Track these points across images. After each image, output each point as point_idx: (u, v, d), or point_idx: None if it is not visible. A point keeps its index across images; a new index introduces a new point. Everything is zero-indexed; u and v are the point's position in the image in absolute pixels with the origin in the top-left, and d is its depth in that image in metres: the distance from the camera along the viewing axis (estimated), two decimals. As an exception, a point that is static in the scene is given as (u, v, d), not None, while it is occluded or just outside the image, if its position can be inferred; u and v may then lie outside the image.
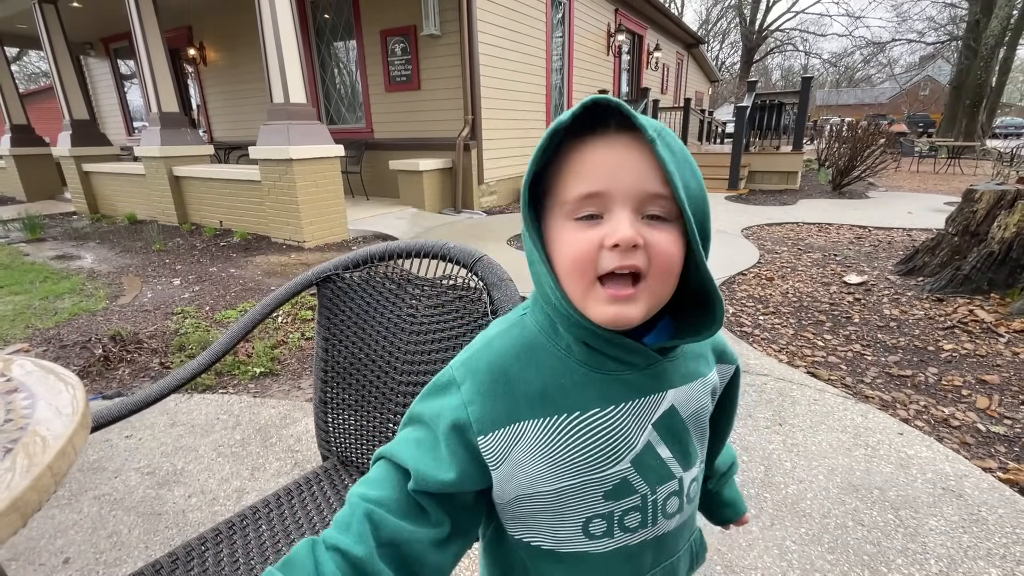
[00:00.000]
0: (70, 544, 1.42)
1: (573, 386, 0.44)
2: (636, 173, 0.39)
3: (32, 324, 3.10)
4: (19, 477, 0.51)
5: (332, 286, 1.06)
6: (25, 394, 0.67)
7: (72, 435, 0.58)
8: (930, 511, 1.45)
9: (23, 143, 8.59)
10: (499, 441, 0.43)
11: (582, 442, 0.44)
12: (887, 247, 4.53)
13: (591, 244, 0.40)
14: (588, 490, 0.45)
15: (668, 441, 0.47)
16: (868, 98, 43.66)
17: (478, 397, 0.44)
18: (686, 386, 0.48)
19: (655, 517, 0.48)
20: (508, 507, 0.48)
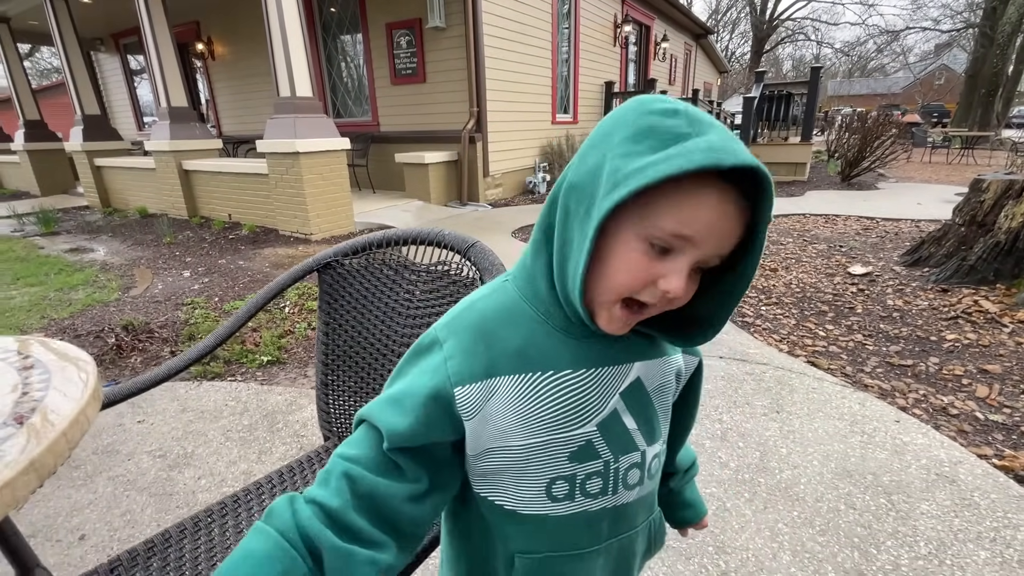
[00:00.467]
0: (86, 522, 1.48)
1: (549, 347, 0.47)
2: (726, 237, 0.40)
3: (47, 314, 3.18)
4: (36, 442, 0.55)
5: (332, 272, 1.10)
6: (41, 370, 0.71)
7: (84, 406, 0.62)
8: (922, 496, 1.47)
9: (36, 138, 8.72)
10: (475, 393, 0.46)
11: (553, 400, 0.47)
12: (894, 238, 4.50)
13: (648, 277, 0.41)
14: (554, 449, 0.48)
15: (634, 412, 0.50)
16: (881, 88, 42.93)
17: (459, 353, 0.46)
18: (652, 361, 0.51)
19: (616, 485, 0.51)
20: (476, 461, 0.49)
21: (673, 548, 1.32)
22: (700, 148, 0.37)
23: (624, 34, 9.86)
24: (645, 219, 0.40)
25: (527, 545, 0.52)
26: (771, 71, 46.04)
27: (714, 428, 1.82)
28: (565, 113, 8.67)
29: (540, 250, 0.47)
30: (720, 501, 1.48)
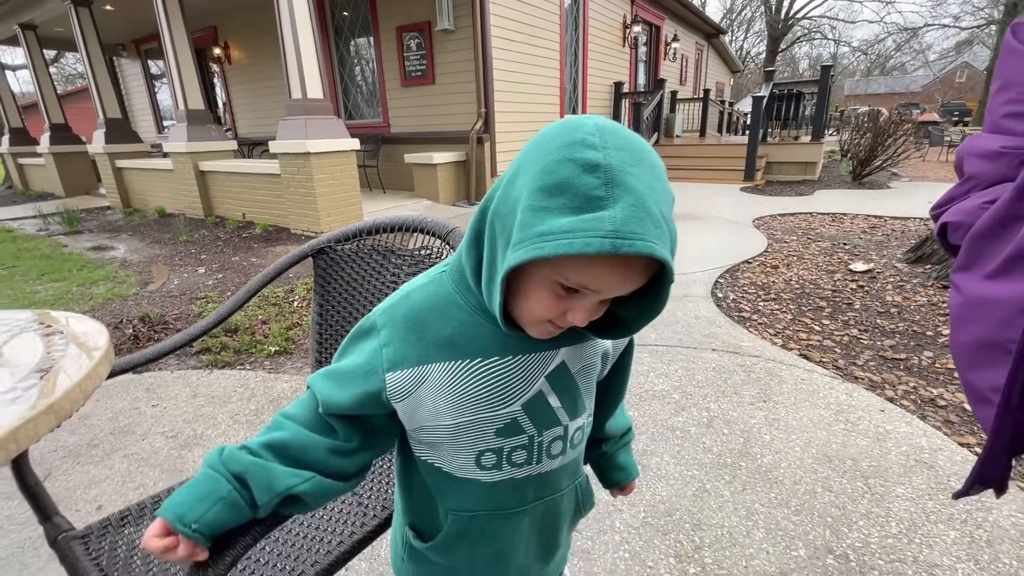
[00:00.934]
0: (102, 494, 1.59)
1: (478, 337, 0.51)
2: (628, 287, 0.43)
3: (70, 307, 3.33)
4: (56, 389, 0.63)
5: (326, 257, 1.18)
6: (61, 336, 0.80)
7: (97, 364, 0.71)
8: (899, 480, 1.51)
9: (61, 141, 9.02)
10: (406, 378, 0.51)
11: (481, 384, 0.52)
12: (900, 236, 4.48)
13: (558, 311, 0.45)
14: (482, 426, 0.53)
15: (558, 392, 0.55)
16: (900, 86, 42.16)
17: (394, 341, 0.51)
18: (576, 346, 0.55)
19: (539, 456, 0.56)
20: (414, 433, 0.56)
21: (651, 525, 1.38)
22: (604, 230, 0.37)
23: (633, 35, 9.89)
24: (556, 269, 0.42)
25: (460, 504, 0.58)
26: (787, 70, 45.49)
27: (700, 416, 1.87)
28: (573, 114, 8.70)
29: (471, 251, 0.49)
30: (700, 483, 1.53)
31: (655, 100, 9.16)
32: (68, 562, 0.81)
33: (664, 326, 2.67)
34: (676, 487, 1.52)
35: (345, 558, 0.83)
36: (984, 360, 0.47)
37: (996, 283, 0.46)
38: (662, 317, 2.78)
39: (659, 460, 1.64)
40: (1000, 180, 0.51)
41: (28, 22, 8.22)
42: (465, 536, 0.59)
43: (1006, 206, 0.46)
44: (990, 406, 0.47)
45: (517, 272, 0.44)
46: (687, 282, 3.36)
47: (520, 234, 0.40)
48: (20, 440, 0.56)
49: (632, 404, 1.96)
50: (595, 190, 0.38)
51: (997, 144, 0.51)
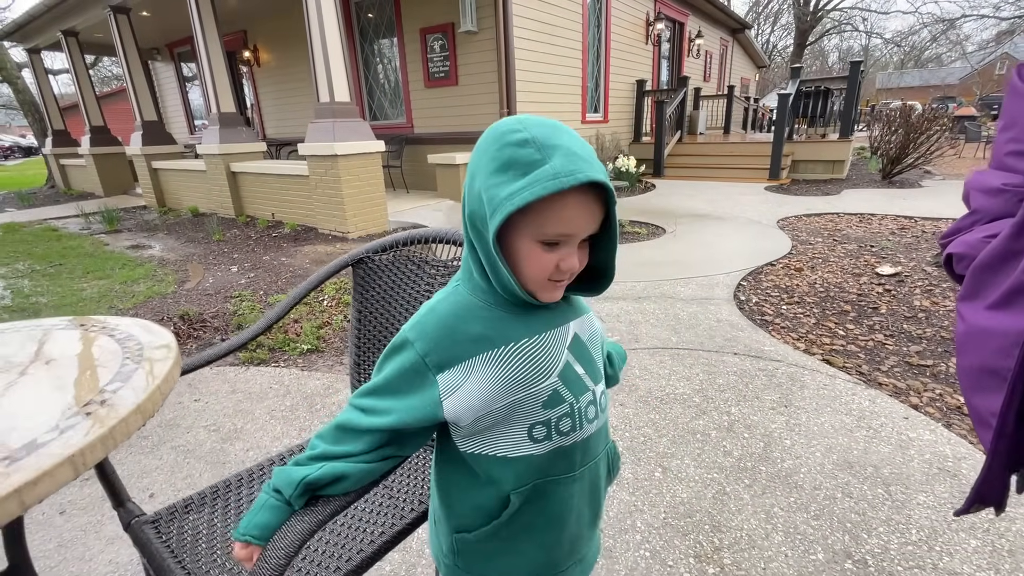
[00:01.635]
0: (154, 483, 1.71)
1: (503, 326, 0.61)
2: (590, 223, 0.56)
3: (114, 304, 3.52)
4: (139, 393, 0.72)
5: (364, 267, 1.26)
6: (135, 342, 0.89)
7: (172, 367, 0.80)
8: (921, 488, 1.52)
9: (100, 143, 9.40)
10: (454, 375, 0.59)
11: (520, 363, 0.60)
12: (931, 238, 4.38)
13: (552, 264, 0.56)
14: (529, 402, 0.61)
15: (580, 360, 0.64)
16: (935, 79, 40.64)
17: (432, 348, 0.59)
18: (580, 318, 0.67)
19: (581, 422, 0.64)
20: (469, 427, 0.62)
21: (672, 525, 1.43)
22: (548, 176, 0.50)
23: (656, 32, 9.80)
24: (535, 228, 0.54)
25: (518, 481, 0.64)
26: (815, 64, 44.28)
27: (721, 419, 1.90)
28: (595, 112, 8.71)
29: (472, 257, 0.60)
30: (720, 486, 1.57)
31: (678, 98, 9.08)
32: (141, 544, 0.90)
33: (686, 329, 2.69)
34: (696, 489, 1.56)
35: (387, 547, 0.91)
36: (984, 385, 0.51)
37: (996, 314, 0.50)
38: (684, 320, 2.81)
39: (679, 463, 1.68)
40: (1002, 215, 0.54)
41: (70, 28, 8.58)
42: (525, 509, 0.64)
43: (1006, 242, 0.50)
44: (988, 429, 0.51)
45: (509, 247, 0.56)
46: (709, 284, 3.36)
47: (491, 207, 0.53)
48: (116, 437, 0.64)
49: (653, 407, 2.00)
50: (532, 155, 0.51)
51: (999, 181, 0.55)
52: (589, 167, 0.51)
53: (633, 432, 1.85)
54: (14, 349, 0.88)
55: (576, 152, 0.52)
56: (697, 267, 3.73)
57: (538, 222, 0.53)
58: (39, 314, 3.38)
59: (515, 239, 0.56)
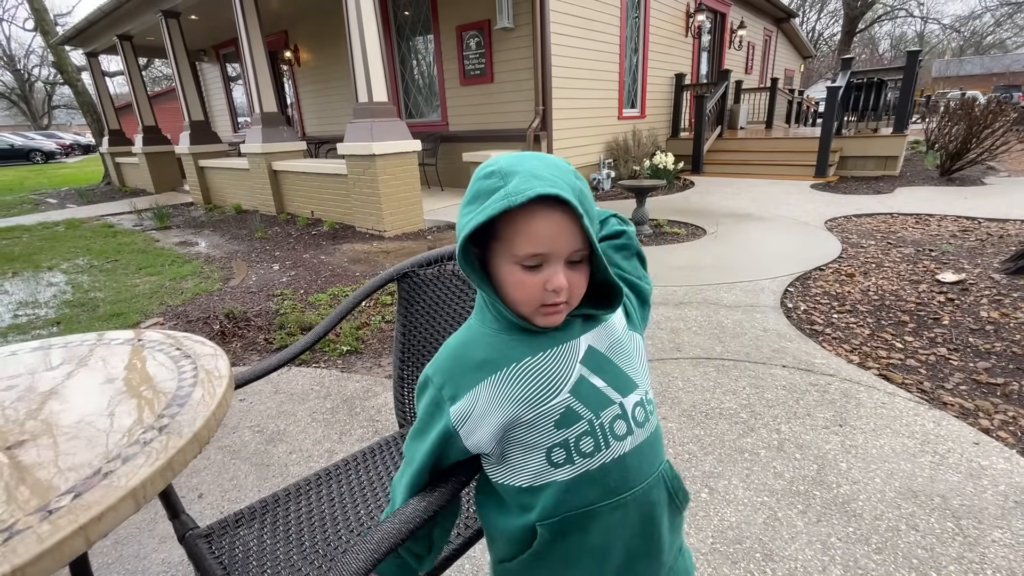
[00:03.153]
0: (202, 483, 1.76)
1: (506, 349, 0.60)
2: (569, 239, 0.55)
3: (165, 301, 3.66)
4: (196, 419, 0.72)
5: (409, 281, 1.24)
6: (191, 361, 0.90)
7: (225, 392, 0.80)
8: (996, 523, 1.41)
9: (152, 142, 9.84)
10: (465, 404, 0.60)
11: (523, 382, 0.59)
12: (997, 242, 4.09)
13: (537, 286, 0.56)
14: (541, 421, 0.59)
15: (598, 372, 0.61)
16: (998, 67, 37.97)
17: (447, 380, 0.62)
18: (594, 330, 0.63)
19: (606, 440, 0.60)
20: (491, 453, 0.63)
21: (720, 552, 1.37)
22: (500, 197, 0.52)
23: (697, 23, 9.51)
24: (508, 251, 0.55)
25: (543, 513, 0.61)
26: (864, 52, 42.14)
27: (771, 438, 1.82)
28: (632, 108, 8.53)
29: None
30: (771, 510, 1.50)
31: (719, 92, 8.79)
32: (195, 558, 0.92)
33: (730, 338, 2.60)
34: (745, 513, 1.49)
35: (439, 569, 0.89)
36: None
37: None
38: (728, 329, 2.70)
39: (727, 483, 1.61)
40: None
41: (125, 33, 8.98)
42: (559, 542, 0.61)
43: None
44: None
45: (496, 275, 0.58)
46: (754, 290, 3.24)
47: (458, 234, 0.56)
48: (175, 467, 0.64)
49: (698, 422, 1.93)
50: (495, 183, 0.53)
51: None
52: (544, 184, 0.51)
53: (677, 448, 1.79)
54: (72, 367, 0.90)
55: (536, 173, 0.52)
56: (741, 271, 3.60)
57: (509, 244, 0.55)
58: (96, 310, 3.55)
59: (498, 266, 0.57)
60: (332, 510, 1.03)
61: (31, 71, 33.01)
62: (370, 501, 1.05)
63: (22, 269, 4.77)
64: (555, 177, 0.53)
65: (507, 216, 0.53)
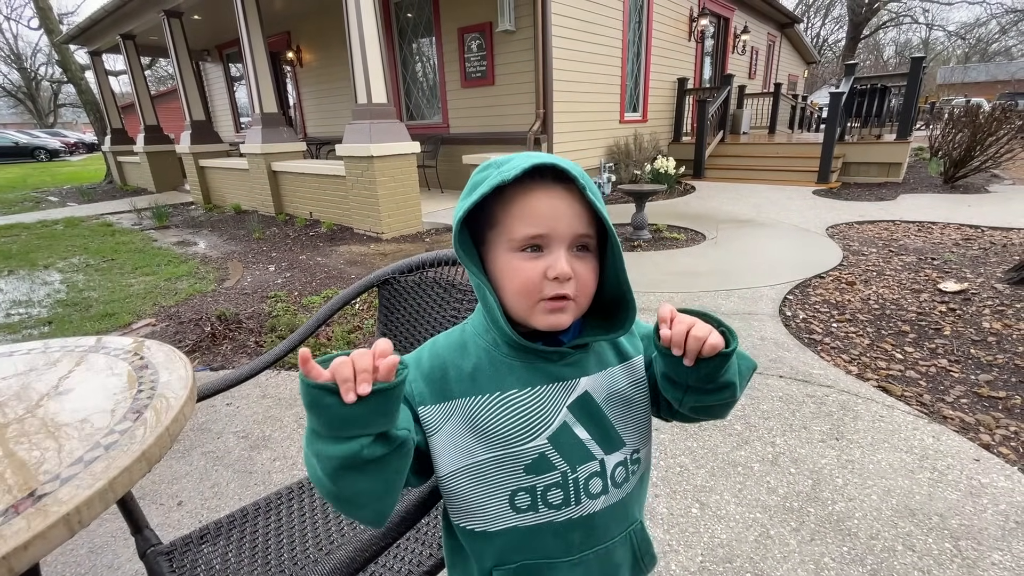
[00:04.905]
0: (183, 490, 1.72)
1: (495, 371, 0.54)
2: (571, 218, 0.49)
3: (158, 302, 3.64)
4: (147, 434, 0.68)
5: (390, 288, 1.21)
6: (152, 371, 0.87)
7: (183, 406, 0.76)
8: (996, 544, 1.36)
9: (153, 141, 9.85)
10: (436, 413, 0.55)
11: (502, 417, 0.53)
12: (1001, 251, 4.04)
13: (536, 273, 0.49)
14: (510, 462, 0.53)
15: (585, 423, 0.55)
16: (1004, 74, 37.83)
17: (420, 379, 0.56)
18: (599, 373, 0.56)
19: (577, 496, 0.54)
20: (448, 485, 0.56)
21: (709, 571, 1.33)
22: (492, 177, 0.48)
23: (700, 28, 9.48)
24: (505, 236, 0.50)
25: (500, 558, 0.57)
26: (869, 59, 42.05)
27: (765, 451, 1.77)
28: (634, 112, 8.49)
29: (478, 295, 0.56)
30: (763, 527, 1.45)
31: (721, 96, 8.75)
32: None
33: (726, 347, 2.55)
34: (737, 530, 1.45)
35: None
36: None
37: None
38: (724, 337, 2.65)
39: (719, 498, 1.57)
40: None
41: (128, 32, 8.99)
42: None
43: None
44: None
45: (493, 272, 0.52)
46: (752, 298, 3.19)
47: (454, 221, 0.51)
48: (117, 489, 0.60)
49: (691, 433, 1.89)
50: (491, 172, 0.49)
51: None
52: (541, 158, 0.47)
53: (669, 461, 1.75)
54: (32, 379, 0.87)
55: (532, 156, 0.49)
56: (740, 278, 3.55)
57: (506, 228, 0.50)
58: (89, 310, 3.53)
59: (494, 259, 0.52)
60: (302, 526, 0.99)
61: (37, 70, 33.19)
62: (342, 516, 1.01)
63: (18, 267, 4.75)
64: (550, 158, 0.49)
65: (502, 198, 0.49)
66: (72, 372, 0.88)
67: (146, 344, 0.97)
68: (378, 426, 0.44)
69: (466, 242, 0.52)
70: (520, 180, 0.48)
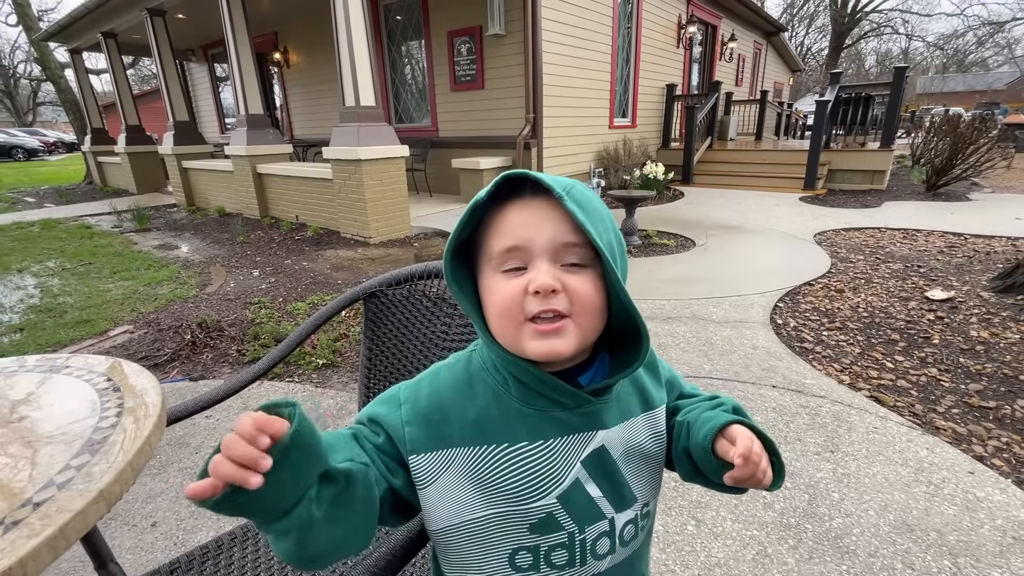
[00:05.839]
0: (157, 510, 1.64)
1: (505, 420, 0.48)
2: (551, 227, 0.44)
3: (137, 308, 3.52)
4: (108, 470, 0.62)
5: (377, 301, 1.15)
6: (118, 395, 0.80)
7: (149, 435, 0.70)
8: (995, 561, 1.34)
9: (135, 142, 9.63)
10: (429, 462, 0.48)
11: (509, 473, 0.48)
12: (984, 259, 4.09)
13: (516, 290, 0.45)
14: (514, 520, 0.48)
15: (598, 479, 0.50)
16: (981, 84, 38.89)
17: (415, 421, 0.49)
18: (619, 426, 0.51)
19: (583, 557, 0.50)
20: (441, 539, 0.51)
21: (707, 592, 1.29)
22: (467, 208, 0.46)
23: (689, 35, 9.56)
24: (490, 258, 0.47)
25: None
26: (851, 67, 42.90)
27: (760, 464, 1.74)
28: (623, 117, 8.52)
29: None
30: (761, 545, 1.42)
31: (709, 103, 8.82)
32: (118, 618, 0.81)
33: (719, 356, 2.53)
34: (734, 549, 1.41)
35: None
36: None
37: None
38: (717, 346, 2.64)
39: (714, 515, 1.53)
40: None
41: (110, 30, 8.81)
42: None
43: None
44: None
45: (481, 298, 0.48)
46: (743, 305, 3.18)
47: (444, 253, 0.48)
48: (69, 536, 0.54)
49: (685, 446, 1.85)
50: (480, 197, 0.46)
51: None
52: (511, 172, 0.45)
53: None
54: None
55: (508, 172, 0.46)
56: (730, 285, 3.54)
57: (487, 248, 0.47)
58: (64, 316, 3.40)
59: (483, 287, 0.48)
60: (280, 559, 0.93)
61: (16, 67, 32.44)
62: (324, 547, 0.95)
63: (-10, 271, 4.59)
64: (529, 172, 0.45)
65: (484, 221, 0.46)
66: (32, 396, 0.82)
67: (116, 366, 0.90)
68: (310, 476, 0.38)
69: (460, 276, 0.48)
70: (498, 199, 0.45)
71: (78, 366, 0.90)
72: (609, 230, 0.46)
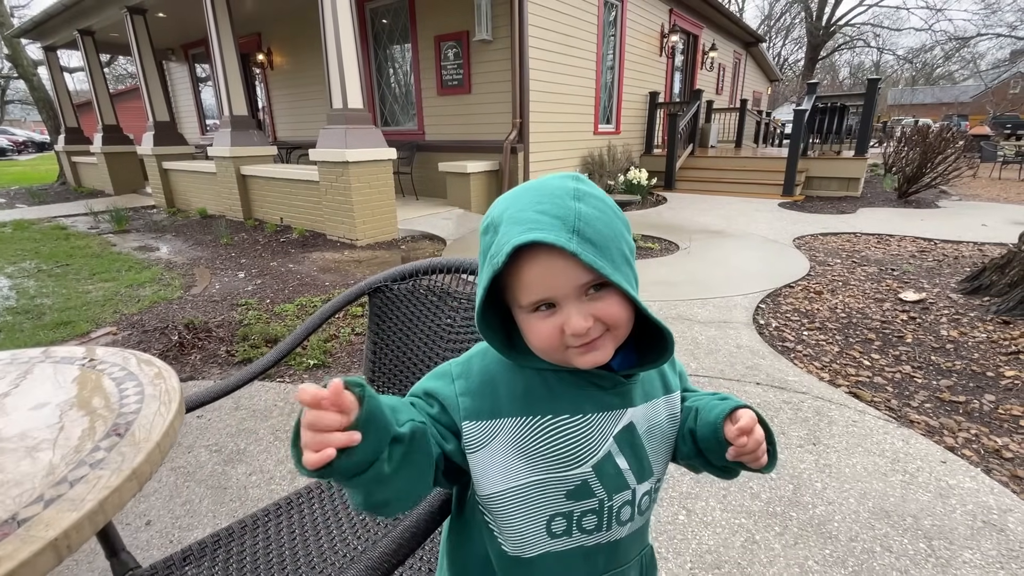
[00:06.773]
0: (151, 508, 1.63)
1: (549, 393, 0.54)
2: (569, 275, 0.47)
3: (119, 310, 3.46)
4: (137, 452, 0.64)
5: (382, 296, 1.18)
6: (135, 383, 0.82)
7: (173, 419, 0.72)
8: (966, 543, 1.42)
9: (112, 142, 9.43)
10: (481, 430, 0.53)
11: (552, 441, 0.53)
12: (953, 263, 4.27)
13: (555, 331, 0.49)
14: (553, 487, 0.54)
15: (626, 453, 0.56)
16: (948, 97, 40.41)
17: (468, 393, 0.54)
18: (644, 405, 0.57)
19: (610, 522, 0.56)
20: (490, 504, 0.56)
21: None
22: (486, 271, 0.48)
23: (671, 44, 9.76)
24: (518, 305, 0.50)
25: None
26: (827, 78, 44.17)
27: (747, 457, 1.81)
28: (608, 123, 8.65)
29: None
30: (749, 533, 1.48)
31: (691, 110, 9.01)
32: (133, 604, 0.83)
33: (705, 355, 2.60)
34: (723, 536, 1.47)
35: None
36: None
37: None
38: (703, 345, 2.71)
39: (704, 505, 1.59)
40: None
41: (87, 28, 8.62)
42: None
43: None
44: None
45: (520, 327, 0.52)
46: (727, 306, 3.27)
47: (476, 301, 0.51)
48: (108, 510, 0.56)
49: (674, 440, 1.91)
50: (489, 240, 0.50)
51: None
52: (522, 230, 0.45)
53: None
54: (4, 387, 0.81)
55: (520, 217, 0.47)
56: (714, 287, 3.64)
57: (514, 295, 0.50)
58: (42, 317, 3.33)
59: (517, 316, 0.52)
60: (292, 544, 0.95)
61: (-16, 64, 31.38)
62: (334, 534, 0.97)
63: (-39, 272, 4.45)
64: (540, 215, 0.46)
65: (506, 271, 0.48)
66: (48, 386, 0.83)
67: (125, 354, 0.92)
68: (384, 442, 0.44)
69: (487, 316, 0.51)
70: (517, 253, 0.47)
71: (89, 359, 0.91)
72: (622, 245, 0.49)
